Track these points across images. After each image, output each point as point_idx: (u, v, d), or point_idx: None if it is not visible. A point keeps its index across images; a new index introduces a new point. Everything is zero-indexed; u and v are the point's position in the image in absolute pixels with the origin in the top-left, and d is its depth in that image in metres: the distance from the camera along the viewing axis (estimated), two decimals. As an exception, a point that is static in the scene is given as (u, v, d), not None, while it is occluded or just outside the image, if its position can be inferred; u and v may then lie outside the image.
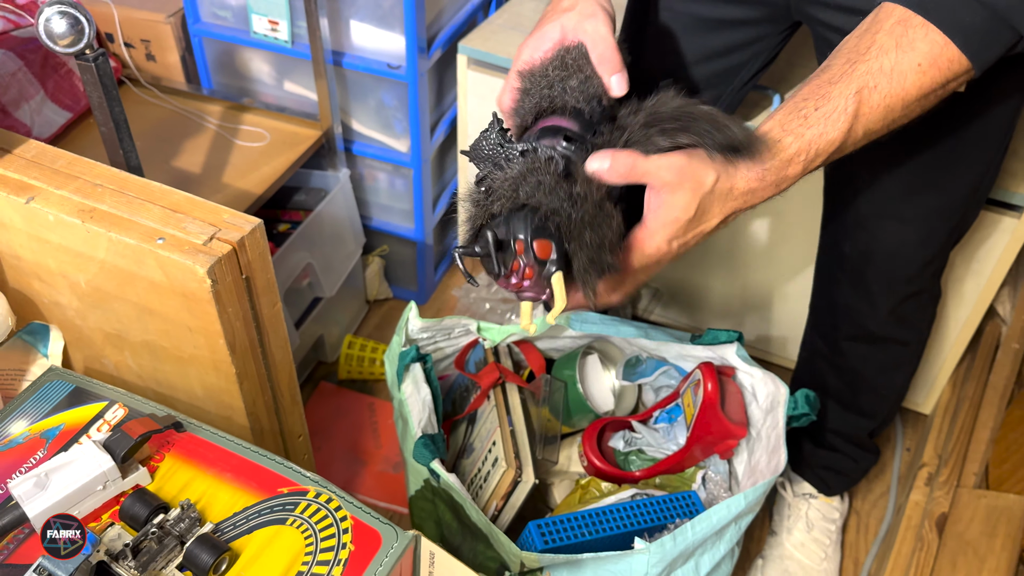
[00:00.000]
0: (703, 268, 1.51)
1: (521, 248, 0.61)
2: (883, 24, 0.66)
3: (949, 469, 1.28)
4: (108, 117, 0.87)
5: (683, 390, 1.08)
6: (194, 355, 0.78)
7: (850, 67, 0.66)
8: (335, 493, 0.70)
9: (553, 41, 0.75)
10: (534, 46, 0.76)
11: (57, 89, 1.38)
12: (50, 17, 0.81)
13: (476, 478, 1.09)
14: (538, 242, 0.61)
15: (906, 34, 0.65)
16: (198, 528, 0.65)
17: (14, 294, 0.86)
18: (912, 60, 0.64)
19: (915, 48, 0.64)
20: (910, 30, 0.65)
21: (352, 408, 1.53)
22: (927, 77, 0.65)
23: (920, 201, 0.97)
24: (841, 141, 0.67)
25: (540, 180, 0.62)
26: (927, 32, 0.64)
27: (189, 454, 0.72)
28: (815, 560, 1.26)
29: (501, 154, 0.68)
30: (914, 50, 0.64)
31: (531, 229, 0.61)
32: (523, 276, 0.62)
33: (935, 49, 0.64)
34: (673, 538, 0.84)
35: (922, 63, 0.65)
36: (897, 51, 0.65)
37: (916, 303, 1.07)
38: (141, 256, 0.71)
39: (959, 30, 0.64)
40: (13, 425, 0.75)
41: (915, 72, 0.65)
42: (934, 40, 0.64)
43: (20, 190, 0.76)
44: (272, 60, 1.50)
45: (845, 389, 1.18)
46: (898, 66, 0.65)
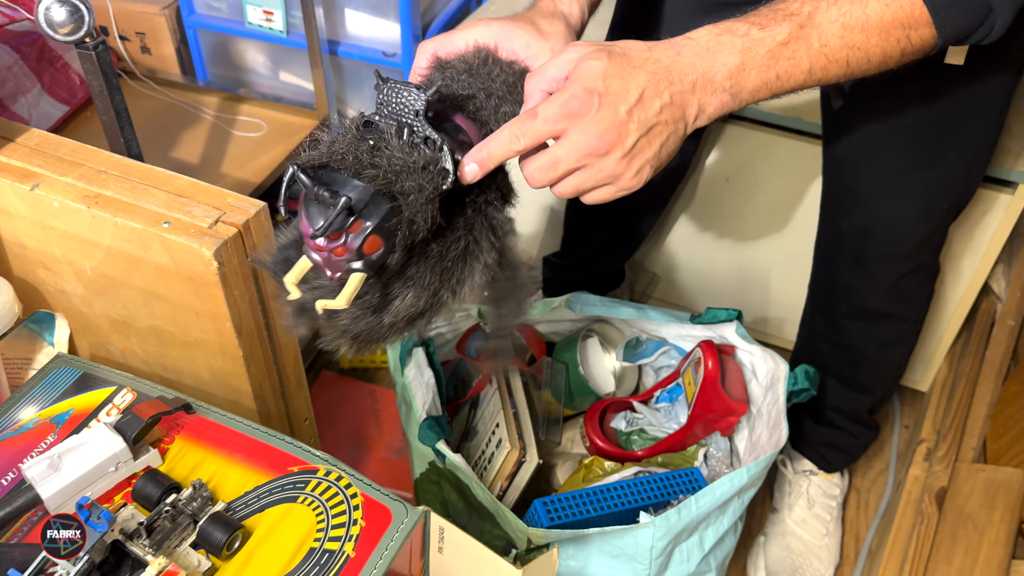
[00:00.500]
0: (701, 249, 1.52)
1: (356, 229, 0.55)
2: None
3: (948, 444, 1.29)
4: (109, 105, 0.87)
5: (683, 369, 1.09)
6: (201, 339, 0.78)
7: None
8: (344, 471, 0.70)
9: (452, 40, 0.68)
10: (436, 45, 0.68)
11: (53, 82, 1.38)
12: (49, 6, 0.81)
13: (480, 460, 1.10)
14: (373, 238, 0.55)
15: None
16: (210, 507, 0.66)
17: (19, 283, 0.86)
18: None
19: None
20: None
21: (354, 396, 1.54)
22: (889, 11, 0.61)
23: (918, 177, 0.97)
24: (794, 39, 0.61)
25: (424, 186, 0.57)
26: None
27: (199, 435, 0.72)
28: (816, 536, 1.27)
29: (409, 121, 0.59)
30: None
31: (380, 223, 0.55)
32: (332, 251, 0.56)
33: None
34: (678, 512, 0.85)
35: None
36: None
37: (915, 279, 1.08)
38: (147, 240, 0.72)
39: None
40: (23, 411, 0.76)
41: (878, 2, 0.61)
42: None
43: (24, 178, 0.77)
44: (267, 50, 1.50)
45: (845, 366, 1.19)
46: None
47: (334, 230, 0.55)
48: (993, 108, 0.93)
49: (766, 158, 1.35)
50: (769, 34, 0.61)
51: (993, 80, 0.90)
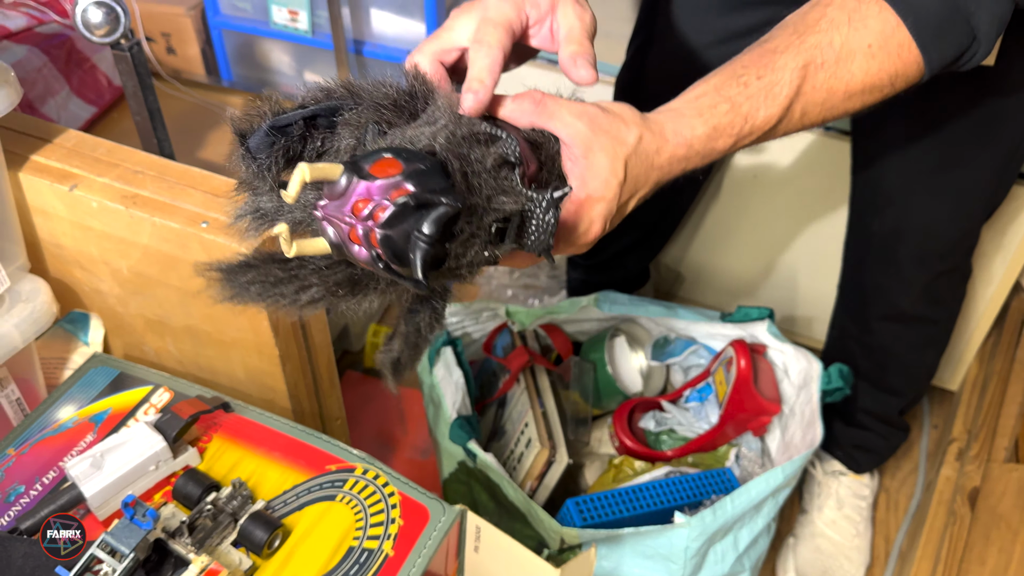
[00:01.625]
0: (726, 248, 1.51)
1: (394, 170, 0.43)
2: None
3: (979, 444, 1.28)
4: (143, 106, 0.88)
5: (714, 368, 1.09)
6: (237, 338, 0.78)
7: (798, 39, 0.60)
8: (382, 469, 0.70)
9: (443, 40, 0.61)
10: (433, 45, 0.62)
11: (81, 84, 1.39)
12: (87, 8, 0.82)
13: (509, 460, 1.10)
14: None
15: (859, 9, 0.60)
16: (250, 506, 0.66)
17: (55, 283, 0.87)
18: (863, 39, 0.60)
19: (867, 26, 0.60)
20: (863, 5, 0.60)
21: (378, 396, 1.54)
22: (875, 63, 0.60)
23: (950, 177, 0.96)
24: (778, 119, 0.60)
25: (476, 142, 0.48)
26: (880, 9, 0.60)
27: (236, 434, 0.73)
28: (846, 537, 1.26)
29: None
30: (866, 28, 0.60)
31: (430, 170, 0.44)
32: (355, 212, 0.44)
33: (887, 29, 0.60)
34: (713, 512, 0.85)
35: (872, 44, 0.60)
36: (849, 27, 0.60)
37: (948, 281, 1.07)
38: (185, 240, 0.72)
39: (911, 11, 0.60)
40: (61, 411, 0.76)
41: (864, 55, 0.60)
42: (886, 19, 0.60)
43: (63, 178, 0.77)
44: (292, 51, 1.51)
45: (875, 368, 1.18)
46: (848, 43, 0.60)
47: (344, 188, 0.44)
48: None
49: (793, 155, 1.34)
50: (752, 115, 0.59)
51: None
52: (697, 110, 0.58)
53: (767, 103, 0.59)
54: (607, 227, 0.58)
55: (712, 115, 0.58)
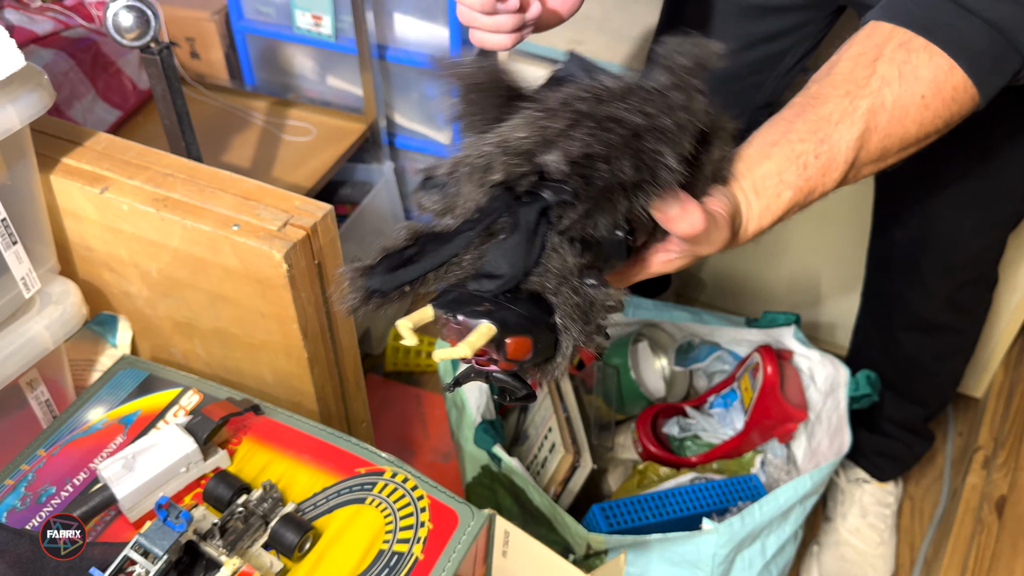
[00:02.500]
0: (749, 254, 1.51)
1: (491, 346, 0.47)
2: (883, 49, 0.59)
3: (1006, 452, 1.26)
4: (171, 109, 0.88)
5: (739, 374, 1.08)
6: (266, 341, 0.79)
7: (851, 103, 0.59)
8: (411, 473, 0.70)
9: None
10: None
11: (107, 88, 1.40)
12: (118, 11, 0.82)
13: (533, 464, 1.10)
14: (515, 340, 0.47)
15: (909, 60, 0.58)
16: (281, 508, 0.66)
17: (84, 285, 0.87)
18: (916, 92, 0.58)
19: (918, 77, 0.58)
20: (913, 55, 0.58)
21: (399, 399, 1.54)
22: (929, 112, 0.59)
23: (976, 186, 0.95)
24: (831, 191, 0.61)
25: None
26: (931, 56, 0.58)
27: (266, 437, 0.73)
28: (871, 545, 1.25)
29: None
30: (917, 80, 0.58)
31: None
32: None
33: (939, 76, 0.58)
34: (741, 519, 0.84)
35: (926, 95, 0.59)
36: (900, 82, 0.58)
37: (973, 290, 1.06)
38: (216, 243, 0.72)
39: (963, 51, 0.58)
40: (91, 412, 0.77)
41: (917, 107, 0.59)
42: (939, 65, 0.58)
43: (94, 181, 0.77)
44: (315, 55, 1.51)
45: (899, 377, 1.17)
46: (900, 100, 0.58)
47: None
48: None
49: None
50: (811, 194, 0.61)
51: None
52: (765, 200, 0.60)
53: (825, 180, 0.60)
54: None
55: (777, 205, 0.60)
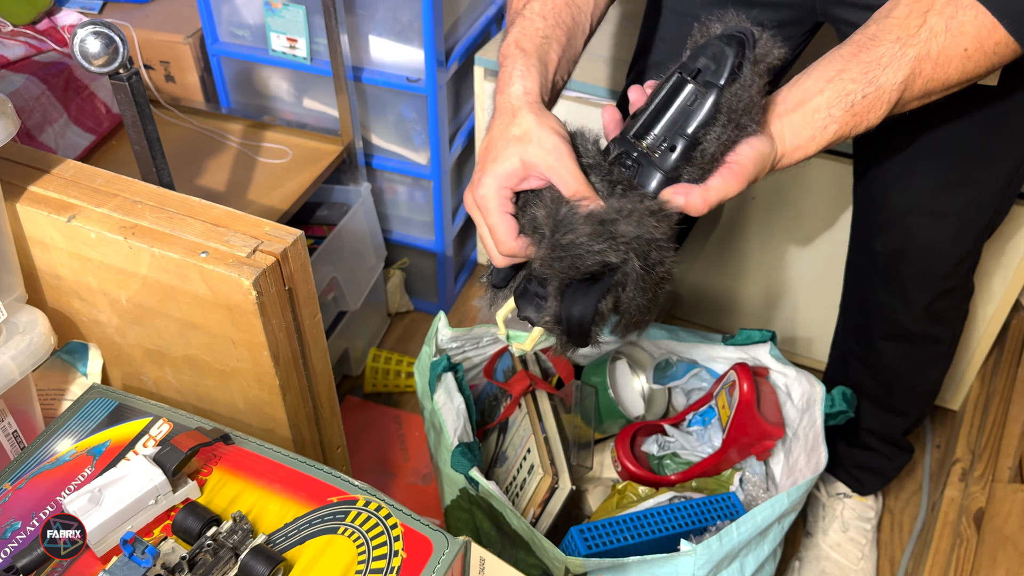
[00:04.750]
0: (726, 270, 1.51)
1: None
2: (935, 2, 0.65)
3: (983, 464, 1.27)
4: (142, 135, 0.88)
5: (716, 392, 1.08)
6: (237, 368, 0.78)
7: (900, 50, 0.65)
8: (384, 501, 0.69)
9: (517, 178, 0.69)
10: (498, 186, 0.69)
11: (80, 112, 1.39)
12: (85, 38, 0.82)
13: (512, 486, 1.09)
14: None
15: (956, 16, 0.64)
16: (251, 540, 0.65)
17: (53, 313, 0.86)
18: (960, 45, 0.64)
19: (964, 32, 0.64)
20: (960, 11, 0.64)
21: (379, 421, 1.53)
22: (971, 63, 0.65)
23: (955, 196, 0.96)
24: (877, 126, 0.68)
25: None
26: (976, 14, 0.64)
27: (237, 466, 0.72)
28: (852, 560, 1.25)
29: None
30: (963, 34, 0.64)
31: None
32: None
33: (983, 33, 0.64)
34: (719, 539, 0.84)
35: (968, 48, 0.65)
36: (947, 34, 0.64)
37: (951, 300, 1.07)
38: (185, 270, 0.72)
39: (1008, 12, 0.63)
40: (59, 443, 0.76)
41: (960, 58, 0.65)
42: (983, 23, 0.64)
43: (61, 209, 0.77)
44: (291, 77, 1.51)
45: (879, 388, 1.17)
46: (945, 51, 0.65)
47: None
48: None
49: (793, 177, 1.35)
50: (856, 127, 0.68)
51: None
52: (811, 131, 0.68)
53: (869, 116, 0.67)
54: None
55: (823, 136, 0.68)
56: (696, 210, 0.65)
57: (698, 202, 0.65)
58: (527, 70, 0.72)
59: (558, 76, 0.77)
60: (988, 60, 0.66)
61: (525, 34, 0.75)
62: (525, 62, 0.72)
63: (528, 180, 0.69)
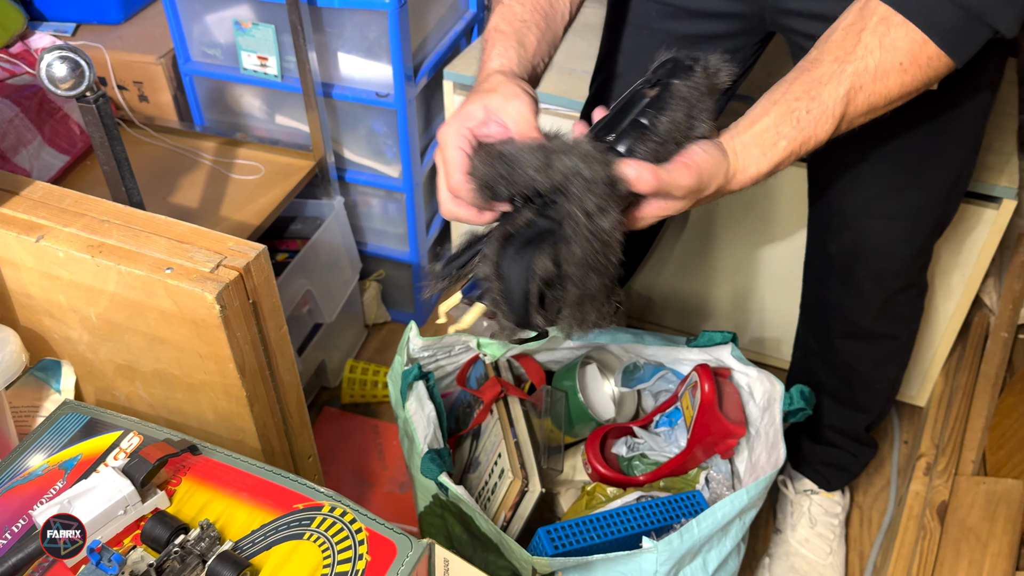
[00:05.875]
0: (695, 273, 1.54)
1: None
2: (868, 22, 0.69)
3: (947, 458, 1.30)
4: (110, 156, 0.90)
5: (681, 393, 1.10)
6: (205, 381, 0.80)
7: (839, 67, 0.69)
8: (349, 507, 0.72)
9: (477, 120, 0.74)
10: (459, 124, 0.74)
11: (54, 133, 1.41)
12: (51, 62, 0.84)
13: (484, 491, 1.11)
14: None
15: (888, 33, 0.68)
16: (218, 547, 0.67)
17: (25, 332, 0.88)
18: (895, 59, 0.68)
19: (897, 48, 0.68)
20: (892, 29, 0.68)
21: (356, 431, 1.55)
22: (908, 75, 0.69)
23: (903, 198, 1.00)
24: (825, 139, 0.72)
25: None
26: (907, 31, 0.68)
27: (205, 476, 0.74)
28: (820, 555, 1.28)
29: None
30: (896, 50, 0.68)
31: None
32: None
33: (915, 48, 0.68)
34: (680, 536, 0.86)
35: (904, 62, 0.69)
36: (881, 51, 0.68)
37: (905, 297, 1.10)
38: (151, 287, 0.74)
39: (936, 29, 0.67)
40: (31, 458, 0.77)
41: (897, 71, 0.69)
42: (914, 39, 0.68)
43: (29, 230, 0.79)
44: (262, 95, 1.53)
45: (840, 385, 1.20)
46: (881, 65, 0.69)
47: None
48: (971, 128, 0.96)
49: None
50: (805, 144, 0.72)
51: (969, 102, 0.92)
52: (762, 148, 0.71)
53: (817, 131, 0.71)
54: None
55: (773, 153, 0.71)
56: (646, 184, 0.66)
57: (648, 177, 0.66)
58: (505, 49, 0.78)
59: (538, 58, 0.82)
60: (924, 73, 0.70)
61: (504, 18, 0.80)
62: (504, 42, 0.78)
63: (488, 125, 0.73)
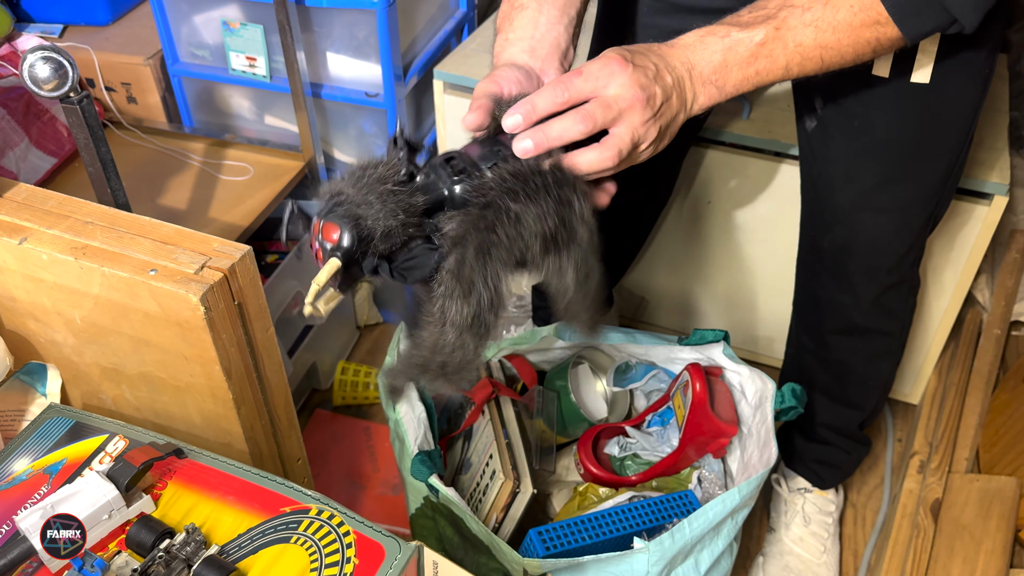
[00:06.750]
0: (687, 272, 1.54)
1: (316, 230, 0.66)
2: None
3: (940, 456, 1.30)
4: (95, 157, 0.89)
5: (673, 392, 1.10)
6: (191, 383, 0.79)
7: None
8: (336, 509, 0.71)
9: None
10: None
11: (41, 136, 1.40)
12: (34, 63, 0.83)
13: (476, 492, 1.11)
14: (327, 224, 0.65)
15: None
16: (204, 551, 0.66)
17: (10, 335, 0.87)
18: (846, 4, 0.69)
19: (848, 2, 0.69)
20: None
21: (348, 433, 1.54)
22: (857, 17, 0.69)
23: (894, 193, 0.99)
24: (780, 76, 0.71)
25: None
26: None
27: (191, 480, 0.73)
28: (815, 554, 1.27)
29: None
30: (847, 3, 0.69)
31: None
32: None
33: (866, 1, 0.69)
34: (671, 536, 0.86)
35: (854, 5, 0.69)
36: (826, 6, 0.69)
37: (897, 293, 1.10)
38: (135, 288, 0.73)
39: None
40: (16, 463, 0.77)
41: (847, 10, 0.69)
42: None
43: (12, 232, 0.78)
44: (251, 95, 1.52)
45: (833, 382, 1.20)
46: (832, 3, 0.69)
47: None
48: (962, 123, 0.95)
49: (745, 180, 1.37)
50: (748, 35, 0.70)
51: (960, 96, 0.92)
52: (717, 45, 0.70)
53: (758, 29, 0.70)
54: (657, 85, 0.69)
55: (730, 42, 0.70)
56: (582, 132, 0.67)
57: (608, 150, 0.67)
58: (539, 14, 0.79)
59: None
60: (872, 31, 0.70)
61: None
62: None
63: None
